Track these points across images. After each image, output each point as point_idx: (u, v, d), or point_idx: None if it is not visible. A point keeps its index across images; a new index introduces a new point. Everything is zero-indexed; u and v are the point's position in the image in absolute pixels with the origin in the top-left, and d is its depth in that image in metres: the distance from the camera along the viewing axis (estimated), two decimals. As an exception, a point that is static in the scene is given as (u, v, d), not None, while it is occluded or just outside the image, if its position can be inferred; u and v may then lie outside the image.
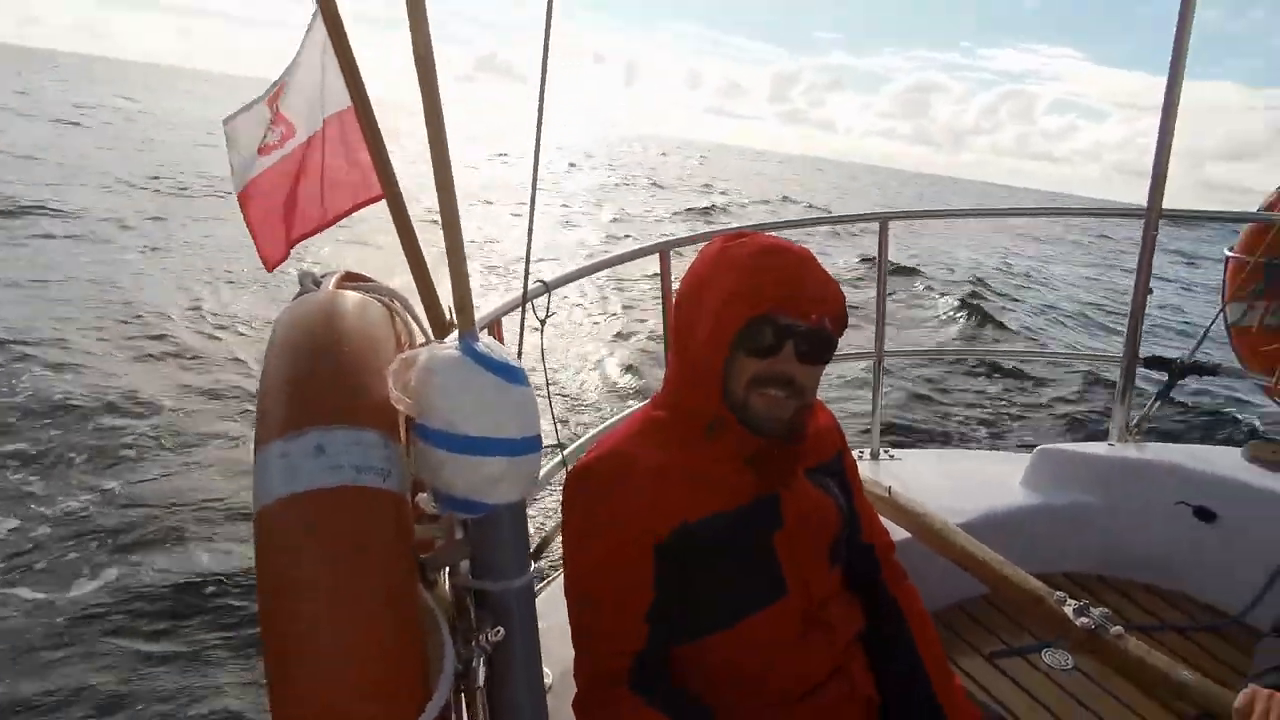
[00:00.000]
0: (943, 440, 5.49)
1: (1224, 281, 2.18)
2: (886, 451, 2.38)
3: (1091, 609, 1.40)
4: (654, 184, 34.67)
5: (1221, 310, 2.16)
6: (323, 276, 0.78)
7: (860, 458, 2.27)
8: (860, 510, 1.20)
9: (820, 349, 1.00)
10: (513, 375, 0.67)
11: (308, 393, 0.62)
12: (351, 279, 0.80)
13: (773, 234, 1.08)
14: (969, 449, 2.57)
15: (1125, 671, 1.56)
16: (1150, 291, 2.11)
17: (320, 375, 0.63)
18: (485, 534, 0.71)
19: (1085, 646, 1.44)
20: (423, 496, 0.70)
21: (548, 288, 1.28)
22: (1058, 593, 1.46)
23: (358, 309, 0.71)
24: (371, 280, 0.81)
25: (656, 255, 1.79)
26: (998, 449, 4.81)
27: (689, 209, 23.32)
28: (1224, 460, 2.16)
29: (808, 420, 1.05)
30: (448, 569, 0.74)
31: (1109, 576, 2.14)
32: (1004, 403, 7.08)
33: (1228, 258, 2.16)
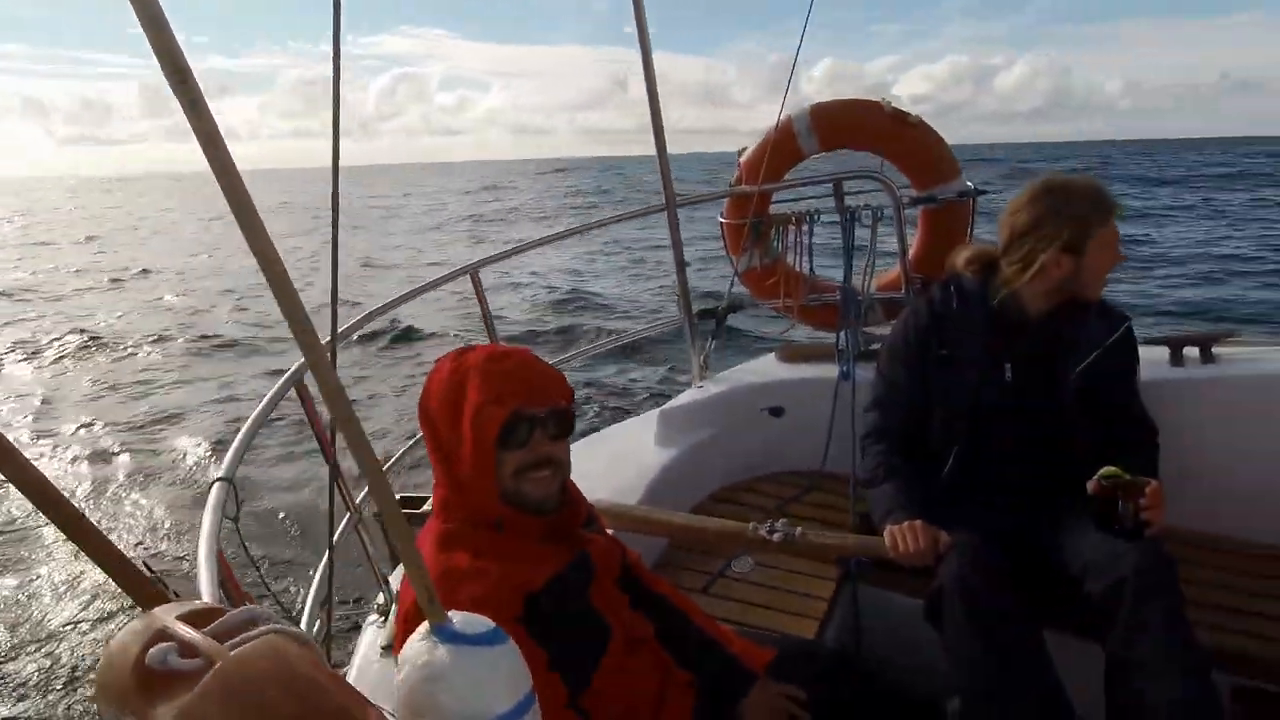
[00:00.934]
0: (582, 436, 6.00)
1: (724, 241, 2.87)
2: None
3: (775, 524, 1.80)
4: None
5: (733, 263, 2.84)
6: (163, 640, 0.56)
7: None
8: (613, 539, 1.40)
9: (565, 425, 1.16)
10: (498, 635, 0.65)
11: None
12: (202, 619, 0.59)
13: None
14: (601, 431, 2.92)
15: (808, 554, 2.02)
16: (687, 264, 2.67)
17: None
18: None
19: (778, 550, 1.85)
20: None
21: (231, 482, 1.18)
22: (750, 524, 1.83)
23: (266, 658, 0.55)
24: (220, 607, 0.64)
25: (292, 388, 1.69)
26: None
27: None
28: (769, 367, 2.86)
29: (569, 486, 1.21)
30: None
31: (746, 482, 2.71)
32: (618, 387, 8.03)
33: (721, 223, 2.83)
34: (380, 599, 1.83)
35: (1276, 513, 2.15)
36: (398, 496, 2.12)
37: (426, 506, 2.14)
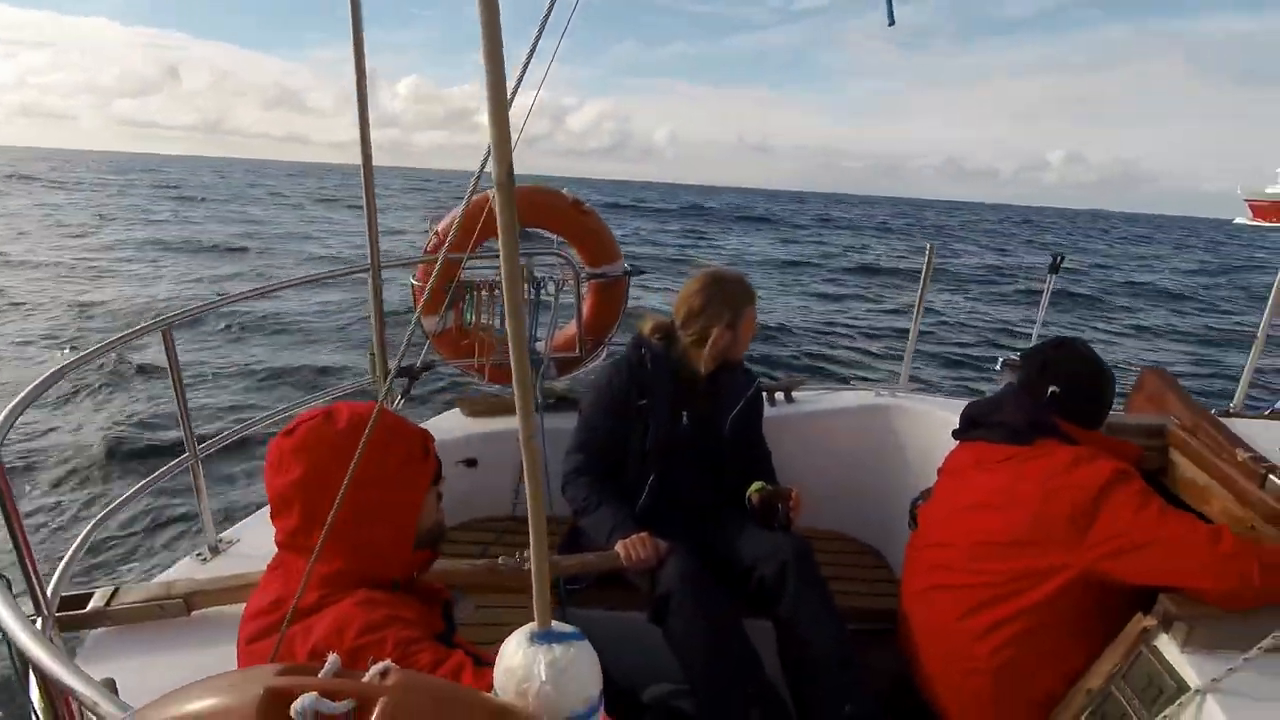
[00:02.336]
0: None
1: (415, 302, 2.98)
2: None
3: (522, 554, 2.00)
4: None
5: (417, 324, 2.98)
6: (280, 699, 0.58)
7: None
8: None
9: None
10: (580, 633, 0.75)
11: None
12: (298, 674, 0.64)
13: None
14: None
15: (550, 576, 2.24)
16: (385, 323, 2.72)
17: None
18: None
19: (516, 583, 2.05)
20: None
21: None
22: (499, 559, 2.01)
23: (417, 684, 0.62)
24: (303, 665, 0.65)
25: None
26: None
27: None
28: (457, 422, 3.04)
29: None
30: None
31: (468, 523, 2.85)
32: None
33: (413, 286, 2.95)
34: None
35: (837, 507, 3.06)
36: (60, 597, 1.81)
37: (93, 603, 1.86)
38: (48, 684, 0.95)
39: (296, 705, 0.58)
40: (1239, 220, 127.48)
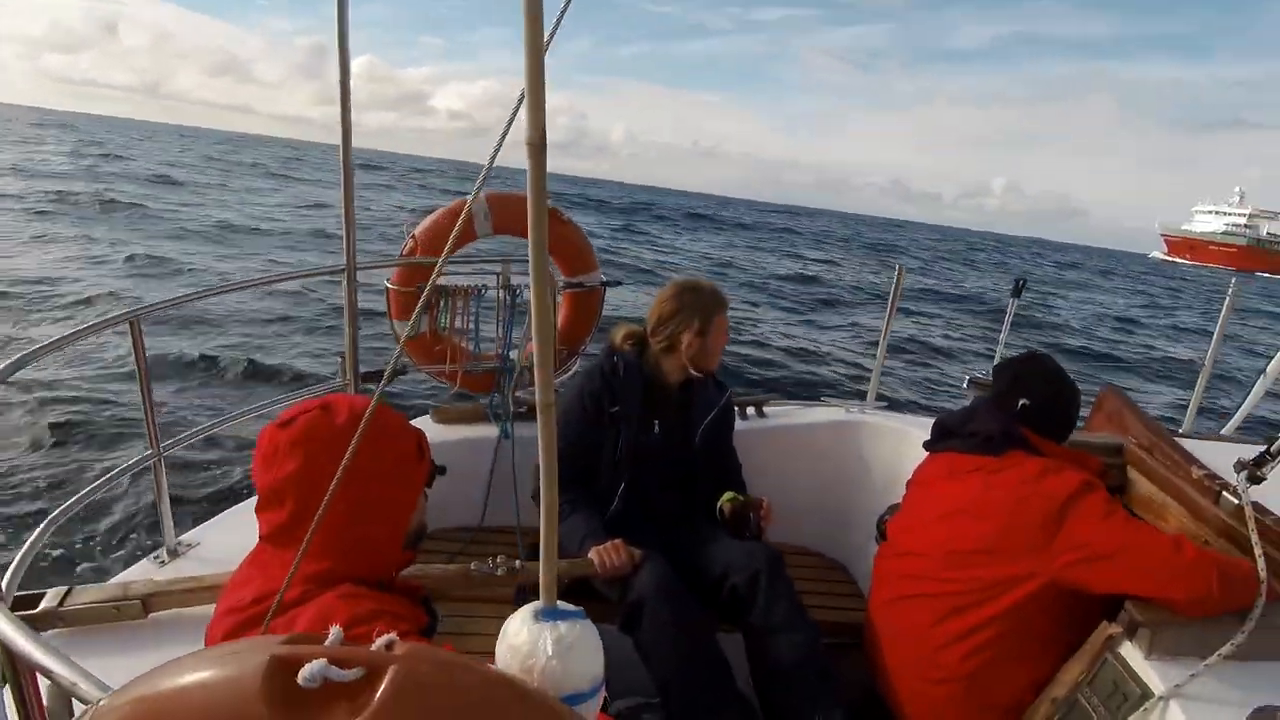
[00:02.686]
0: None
1: (389, 305, 2.95)
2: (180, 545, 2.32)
3: (495, 560, 1.99)
4: None
5: (395, 329, 2.94)
6: (287, 668, 0.57)
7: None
8: None
9: None
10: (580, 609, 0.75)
11: None
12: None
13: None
14: None
15: (525, 580, 2.23)
16: (360, 328, 2.68)
17: None
18: None
19: (497, 585, 2.03)
20: None
21: None
22: (470, 564, 1.99)
23: (426, 655, 0.61)
24: (303, 635, 0.63)
25: None
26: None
27: None
28: (427, 429, 2.99)
29: None
30: None
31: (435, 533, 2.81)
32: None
33: (388, 289, 2.91)
34: None
35: (805, 522, 3.09)
36: (12, 597, 1.73)
37: (45, 603, 1.79)
38: (15, 663, 0.90)
39: (305, 672, 0.56)
40: (1155, 254, 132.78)
